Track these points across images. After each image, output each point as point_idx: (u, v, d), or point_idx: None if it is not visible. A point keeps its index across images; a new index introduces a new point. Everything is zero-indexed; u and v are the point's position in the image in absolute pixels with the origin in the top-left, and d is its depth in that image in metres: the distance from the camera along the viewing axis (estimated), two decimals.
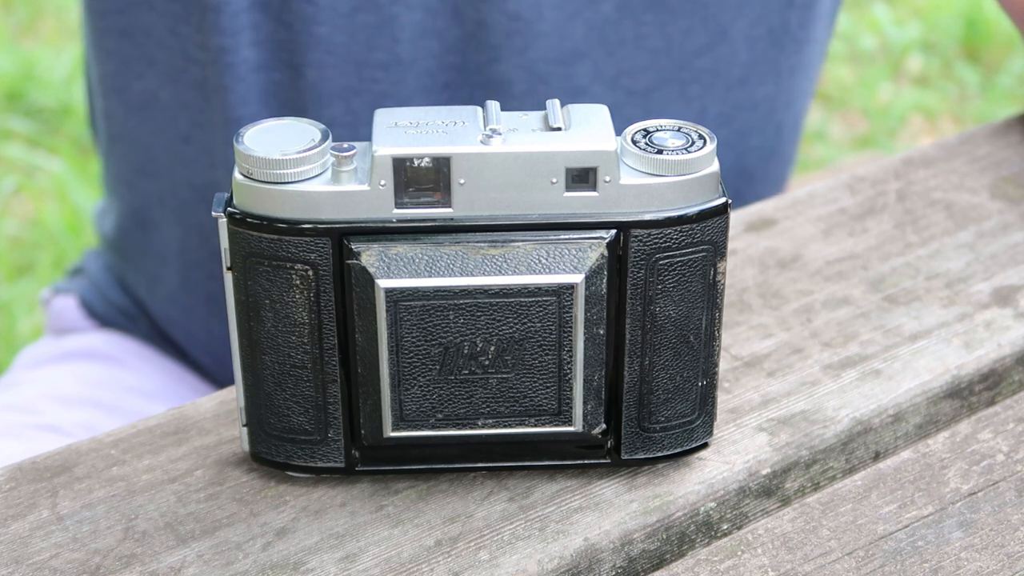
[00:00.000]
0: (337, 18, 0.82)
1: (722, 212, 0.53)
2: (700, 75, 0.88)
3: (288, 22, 0.82)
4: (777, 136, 0.94)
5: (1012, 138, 0.81)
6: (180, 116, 0.88)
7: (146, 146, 0.92)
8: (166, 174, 0.91)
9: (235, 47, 0.82)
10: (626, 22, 0.84)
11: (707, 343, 0.55)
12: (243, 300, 0.54)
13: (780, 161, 0.96)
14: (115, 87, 0.91)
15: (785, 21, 0.89)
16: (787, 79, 0.91)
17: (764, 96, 0.91)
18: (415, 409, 0.54)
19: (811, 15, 0.90)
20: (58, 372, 0.94)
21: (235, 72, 0.83)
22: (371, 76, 0.83)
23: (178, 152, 0.89)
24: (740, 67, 0.89)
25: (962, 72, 2.41)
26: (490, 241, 0.52)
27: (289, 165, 0.51)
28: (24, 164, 2.12)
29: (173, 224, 0.92)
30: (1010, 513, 0.56)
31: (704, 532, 0.57)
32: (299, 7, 0.82)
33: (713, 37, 0.87)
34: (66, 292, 1.01)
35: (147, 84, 0.89)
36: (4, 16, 2.48)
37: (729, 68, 0.88)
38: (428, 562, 0.54)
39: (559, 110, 0.53)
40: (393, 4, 0.82)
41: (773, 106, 0.92)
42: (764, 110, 0.91)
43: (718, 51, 0.87)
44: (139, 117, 0.91)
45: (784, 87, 0.92)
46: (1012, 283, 0.69)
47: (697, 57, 0.87)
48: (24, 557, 0.54)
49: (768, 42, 0.89)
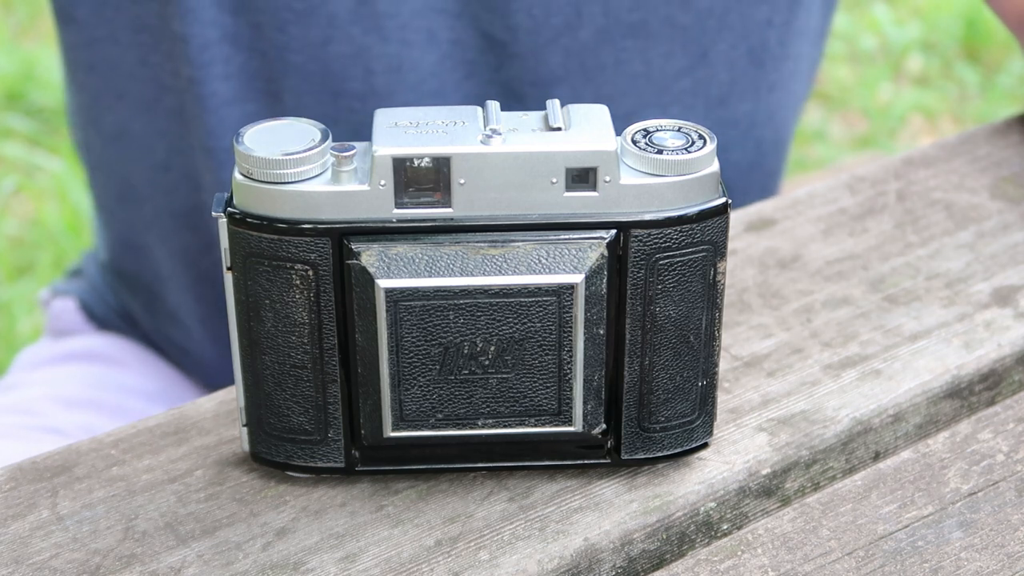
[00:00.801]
0: (310, 48, 0.81)
1: (722, 212, 0.53)
2: (680, 96, 0.87)
3: (262, 50, 0.81)
4: (757, 150, 0.93)
5: (1012, 138, 0.81)
6: (157, 145, 0.87)
7: (124, 175, 0.91)
8: (147, 202, 0.90)
9: (205, 79, 0.81)
10: (606, 49, 0.84)
11: (707, 343, 0.55)
12: (243, 300, 0.54)
13: (763, 174, 0.95)
14: (89, 119, 0.90)
15: (764, 40, 0.88)
16: (766, 95, 0.91)
17: (744, 113, 0.90)
18: (415, 409, 0.54)
19: (789, 32, 0.89)
20: (58, 373, 0.94)
21: (205, 104, 0.82)
22: (348, 106, 0.83)
23: (158, 180, 0.88)
24: (720, 87, 0.88)
25: (962, 72, 2.41)
26: (490, 241, 0.52)
27: (289, 165, 0.51)
28: (24, 164, 2.12)
29: (160, 250, 0.92)
30: (1010, 513, 0.56)
31: (704, 532, 0.57)
32: (272, 36, 0.80)
33: (693, 60, 0.86)
34: (65, 294, 1.01)
35: (118, 116, 0.88)
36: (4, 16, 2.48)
37: (709, 88, 0.88)
38: (428, 562, 0.54)
39: (559, 110, 0.53)
40: (366, 35, 0.81)
41: (753, 121, 0.91)
42: (744, 126, 0.91)
43: (698, 73, 0.87)
44: (114, 148, 0.90)
45: (763, 103, 0.91)
46: (1012, 283, 0.69)
47: (676, 80, 0.86)
48: (24, 557, 0.54)
49: (748, 61, 0.88)
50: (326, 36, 0.80)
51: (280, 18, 0.80)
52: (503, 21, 0.81)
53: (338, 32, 0.80)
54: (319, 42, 0.81)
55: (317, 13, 0.80)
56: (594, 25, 0.83)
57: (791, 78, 0.92)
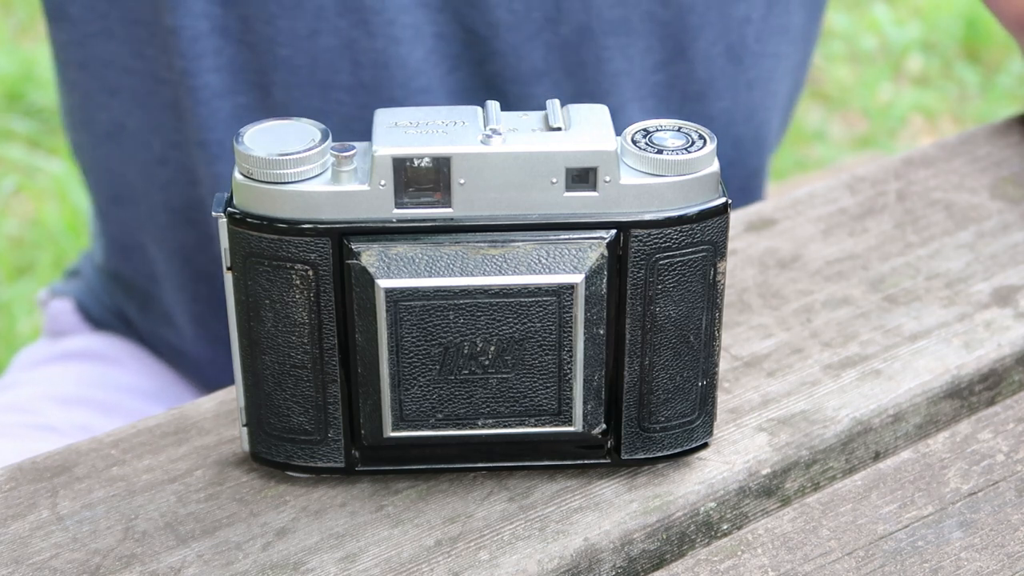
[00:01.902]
0: (297, 40, 0.81)
1: (722, 212, 0.53)
2: (656, 89, 0.87)
3: (251, 43, 0.81)
4: (736, 149, 0.93)
5: (1012, 138, 0.81)
6: (152, 140, 0.87)
7: (119, 174, 0.91)
8: (143, 200, 0.90)
9: (197, 71, 0.82)
10: (587, 46, 0.84)
11: (707, 343, 0.55)
12: (243, 300, 0.54)
13: (744, 172, 0.95)
14: (82, 119, 0.90)
15: (743, 36, 0.88)
16: (745, 93, 0.91)
17: (721, 110, 0.90)
18: (415, 409, 0.54)
19: (767, 29, 0.89)
20: (55, 372, 0.94)
21: (198, 96, 0.82)
22: (336, 99, 0.83)
23: (153, 176, 0.89)
24: (697, 83, 0.88)
25: (962, 72, 2.41)
26: (490, 241, 0.52)
27: (289, 165, 0.51)
28: (24, 164, 2.12)
29: (156, 249, 0.92)
30: (1010, 513, 0.56)
31: (704, 532, 0.57)
32: (260, 28, 0.81)
33: (671, 55, 0.86)
34: (62, 295, 1.01)
35: (112, 114, 0.88)
36: (4, 16, 2.48)
37: (686, 84, 0.88)
38: (428, 562, 0.54)
39: (559, 110, 0.53)
40: (353, 28, 0.81)
41: (731, 119, 0.91)
42: (721, 123, 0.91)
43: (676, 68, 0.87)
44: (108, 146, 0.90)
45: (742, 101, 0.91)
46: (1012, 283, 0.69)
47: (653, 73, 0.87)
48: (24, 557, 0.54)
49: (726, 59, 0.88)
50: (313, 29, 0.81)
51: (268, 11, 0.80)
52: (483, 16, 0.82)
53: (325, 25, 0.81)
54: (306, 35, 0.81)
55: (304, 6, 0.80)
56: (575, 21, 0.83)
57: (771, 77, 0.92)
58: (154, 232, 0.91)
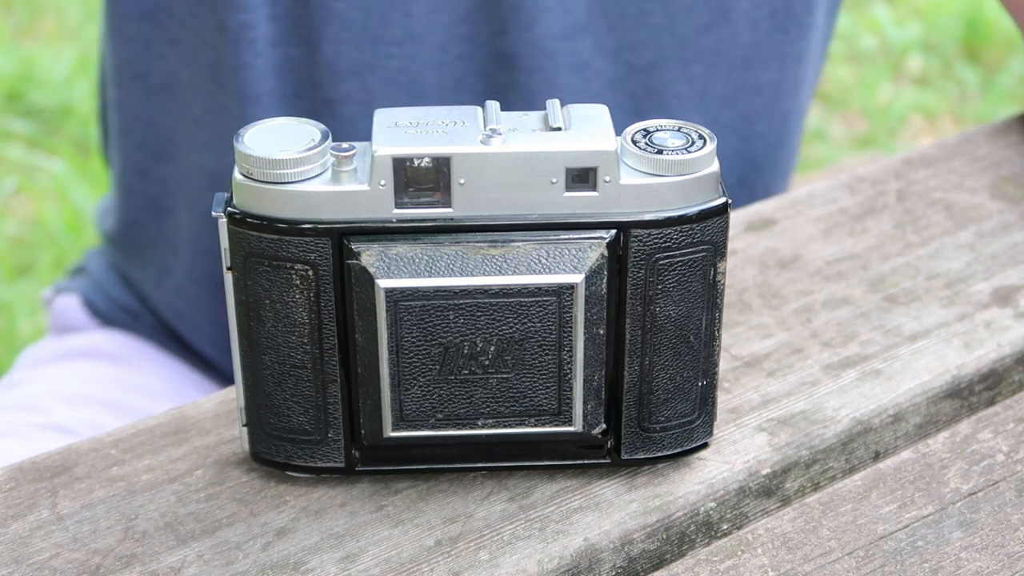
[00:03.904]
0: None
1: (722, 212, 0.53)
2: (702, 54, 0.88)
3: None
4: (784, 125, 0.94)
5: (1012, 138, 0.81)
6: (195, 99, 0.89)
7: (166, 128, 0.93)
8: (183, 158, 0.92)
9: (254, 22, 0.84)
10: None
11: (707, 343, 0.55)
12: (243, 300, 0.54)
13: (787, 152, 0.96)
14: (134, 73, 0.92)
15: (788, 3, 0.89)
16: (792, 65, 0.91)
17: (769, 81, 0.91)
18: (415, 409, 0.54)
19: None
20: (62, 371, 0.94)
21: (254, 48, 0.84)
22: (386, 52, 0.84)
23: (192, 136, 0.90)
24: (743, 48, 0.89)
25: (962, 72, 2.41)
26: (490, 241, 0.52)
27: (289, 165, 0.51)
28: (24, 164, 2.12)
29: (185, 211, 0.93)
30: (1010, 513, 0.56)
31: (704, 532, 0.57)
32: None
33: (715, 16, 0.87)
34: (68, 291, 1.01)
35: (169, 65, 0.90)
36: (4, 16, 2.48)
37: (732, 49, 0.89)
38: (428, 562, 0.54)
39: (559, 110, 0.53)
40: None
41: (779, 92, 0.92)
42: (769, 95, 0.91)
43: (720, 31, 0.88)
44: (161, 99, 0.92)
45: (790, 73, 0.91)
46: (1012, 283, 0.69)
47: (699, 36, 0.87)
48: (24, 557, 0.54)
49: (771, 24, 0.89)
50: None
51: None
52: None
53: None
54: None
55: None
56: None
57: (814, 51, 0.93)
58: (188, 193, 0.92)
